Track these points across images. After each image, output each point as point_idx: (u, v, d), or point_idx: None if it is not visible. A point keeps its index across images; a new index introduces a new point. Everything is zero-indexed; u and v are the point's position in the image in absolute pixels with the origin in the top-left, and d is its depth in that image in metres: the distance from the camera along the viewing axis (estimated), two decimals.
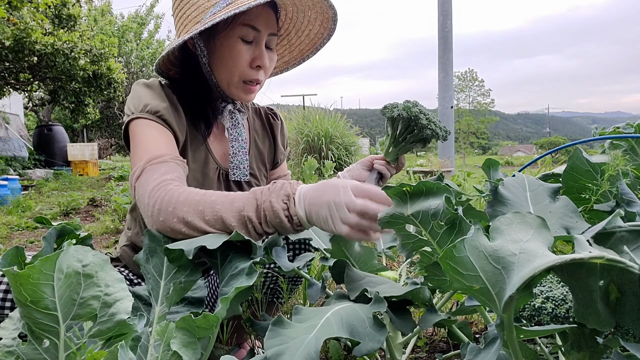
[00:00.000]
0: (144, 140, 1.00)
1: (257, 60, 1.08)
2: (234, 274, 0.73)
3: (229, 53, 1.07)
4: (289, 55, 1.29)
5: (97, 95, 9.22)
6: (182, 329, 0.62)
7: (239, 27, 1.05)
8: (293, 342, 0.53)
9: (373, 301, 0.64)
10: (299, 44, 1.26)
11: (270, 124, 1.32)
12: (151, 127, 1.02)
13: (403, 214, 0.80)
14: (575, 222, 0.82)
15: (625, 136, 1.30)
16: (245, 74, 1.08)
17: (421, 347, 1.34)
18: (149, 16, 17.47)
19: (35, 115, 15.36)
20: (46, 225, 0.83)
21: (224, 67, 1.09)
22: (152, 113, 1.03)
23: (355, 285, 0.70)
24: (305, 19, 1.19)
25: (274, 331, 0.56)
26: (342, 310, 0.62)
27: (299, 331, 0.56)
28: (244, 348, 1.23)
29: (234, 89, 1.11)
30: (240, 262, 0.73)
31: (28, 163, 9.49)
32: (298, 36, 1.24)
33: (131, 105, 1.05)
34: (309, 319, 0.59)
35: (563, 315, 0.75)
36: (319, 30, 1.21)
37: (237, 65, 1.07)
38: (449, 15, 8.01)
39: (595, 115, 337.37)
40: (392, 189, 0.83)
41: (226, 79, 1.10)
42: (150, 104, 1.03)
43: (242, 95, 1.12)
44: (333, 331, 0.56)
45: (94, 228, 3.69)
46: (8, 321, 0.65)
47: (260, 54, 1.08)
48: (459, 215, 0.76)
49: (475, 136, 55.73)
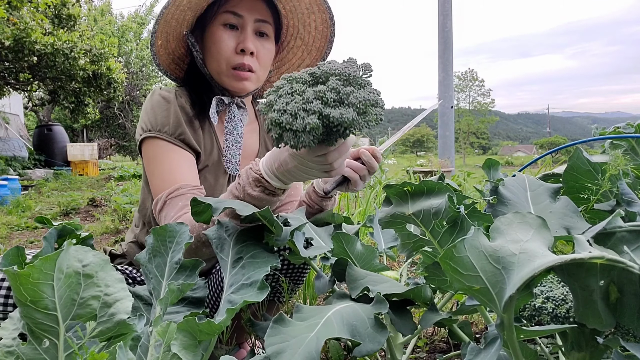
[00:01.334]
0: (164, 167, 1.04)
1: (240, 45, 1.09)
2: (245, 283, 0.72)
3: (213, 41, 1.09)
4: (309, 57, 1.29)
5: (97, 95, 9.22)
6: (184, 331, 0.62)
7: (220, 15, 1.08)
8: (294, 340, 0.53)
9: (374, 301, 0.64)
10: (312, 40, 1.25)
11: None
12: (169, 151, 1.05)
13: (404, 213, 0.80)
14: (575, 222, 0.81)
15: (625, 136, 1.30)
16: (230, 59, 1.09)
17: (421, 347, 1.34)
18: (149, 16, 17.46)
19: (35, 115, 15.35)
20: (47, 225, 0.83)
21: (211, 56, 1.11)
22: (171, 134, 1.05)
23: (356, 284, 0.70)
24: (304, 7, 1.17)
25: (275, 329, 0.55)
26: (343, 310, 0.61)
27: (300, 330, 0.56)
28: (244, 348, 1.23)
29: (225, 77, 1.12)
30: (254, 273, 0.73)
31: (28, 163, 9.48)
32: (308, 30, 1.23)
33: (147, 120, 1.07)
34: (310, 318, 0.59)
35: (563, 315, 0.75)
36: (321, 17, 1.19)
37: (221, 51, 1.09)
38: (449, 15, 8.01)
39: (595, 115, 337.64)
40: (393, 188, 0.83)
41: (216, 69, 1.12)
42: (169, 124, 1.05)
43: (234, 83, 1.12)
44: (334, 331, 0.56)
45: (94, 228, 3.69)
46: (8, 321, 0.65)
47: (244, 38, 1.09)
48: (461, 215, 0.76)
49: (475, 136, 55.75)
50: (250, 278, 0.72)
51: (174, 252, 0.78)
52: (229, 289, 0.73)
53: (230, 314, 0.64)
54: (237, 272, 0.74)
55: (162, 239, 0.80)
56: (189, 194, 1.00)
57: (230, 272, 0.75)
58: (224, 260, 0.77)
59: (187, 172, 1.05)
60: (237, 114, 1.18)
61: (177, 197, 0.99)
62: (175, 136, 1.05)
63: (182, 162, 1.05)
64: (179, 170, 1.03)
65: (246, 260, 0.76)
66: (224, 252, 0.77)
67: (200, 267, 0.79)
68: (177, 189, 1.00)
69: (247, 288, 0.71)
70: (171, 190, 1.00)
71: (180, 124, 1.06)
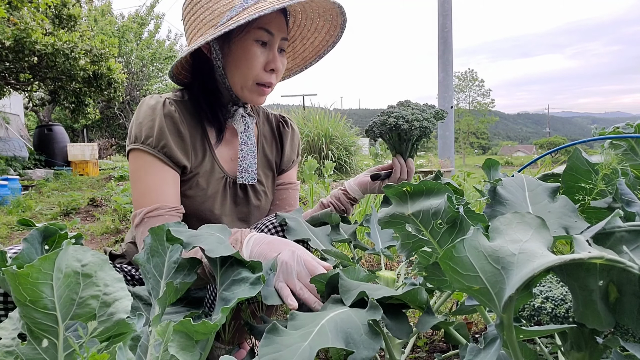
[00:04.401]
0: (146, 183, 1.05)
1: (271, 64, 1.09)
2: (236, 279, 0.71)
3: (244, 56, 1.07)
4: (292, 62, 1.30)
5: (97, 96, 9.22)
6: (180, 332, 0.62)
7: (254, 31, 1.06)
8: (287, 350, 0.53)
9: (368, 307, 0.64)
10: (302, 51, 1.27)
11: (280, 132, 1.33)
12: (154, 167, 1.05)
13: (403, 213, 0.79)
14: (574, 221, 0.81)
15: (625, 136, 1.30)
16: (259, 77, 1.09)
17: (421, 347, 1.34)
18: (149, 16, 17.47)
19: (36, 115, 15.36)
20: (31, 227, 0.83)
21: (238, 70, 1.09)
22: (154, 147, 1.05)
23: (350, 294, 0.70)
24: (312, 27, 1.20)
25: (269, 339, 0.55)
26: (337, 317, 0.61)
27: (293, 339, 0.56)
28: (244, 348, 1.23)
29: (248, 92, 1.12)
30: (244, 269, 0.72)
31: (28, 163, 9.49)
32: (303, 44, 1.25)
33: (134, 131, 1.07)
34: (304, 326, 0.59)
35: (563, 315, 0.74)
36: (324, 38, 1.22)
37: (252, 68, 1.08)
38: (448, 16, 8.02)
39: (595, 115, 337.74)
40: (392, 188, 0.82)
41: (240, 82, 1.11)
42: (152, 136, 1.05)
43: (255, 98, 1.13)
44: (328, 340, 0.56)
45: (95, 228, 3.69)
46: (8, 321, 0.65)
47: (274, 57, 1.09)
48: (460, 215, 0.76)
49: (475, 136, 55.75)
50: (240, 274, 0.72)
51: (172, 252, 0.78)
52: (221, 287, 0.73)
53: (225, 312, 0.64)
54: (226, 269, 0.74)
55: (160, 238, 0.80)
56: (167, 215, 1.01)
57: (220, 270, 0.75)
58: (212, 260, 0.77)
59: (168, 191, 1.05)
60: (249, 123, 1.18)
61: (154, 218, 1.01)
62: (158, 149, 1.04)
63: (164, 180, 1.05)
64: (160, 189, 1.04)
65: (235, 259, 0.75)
66: None
67: (199, 266, 0.79)
68: (157, 208, 1.02)
69: (238, 284, 0.71)
70: (150, 209, 1.02)
71: (163, 135, 1.05)
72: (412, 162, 1.25)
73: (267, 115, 1.33)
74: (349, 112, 11.64)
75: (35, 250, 0.74)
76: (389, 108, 1.23)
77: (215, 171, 1.16)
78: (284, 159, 1.31)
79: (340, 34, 1.18)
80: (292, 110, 10.69)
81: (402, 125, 1.16)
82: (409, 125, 1.16)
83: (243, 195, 1.21)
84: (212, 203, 1.14)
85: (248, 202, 1.21)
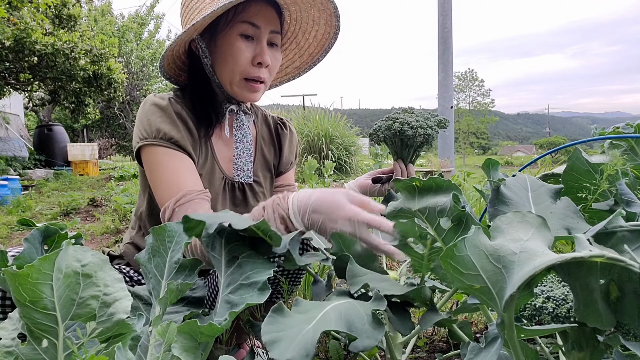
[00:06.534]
0: (167, 174, 1.02)
1: (258, 57, 1.07)
2: (244, 283, 0.70)
3: (229, 51, 1.07)
4: (299, 60, 1.29)
5: (98, 96, 9.22)
6: (184, 333, 0.61)
7: (238, 25, 1.05)
8: (291, 330, 0.53)
9: (373, 298, 0.64)
10: (307, 46, 1.26)
11: (278, 133, 1.32)
12: (170, 157, 1.03)
13: (410, 208, 0.79)
14: (576, 223, 0.81)
15: (625, 136, 1.29)
16: (246, 71, 1.08)
17: (421, 347, 1.34)
18: (149, 16, 17.48)
19: (36, 115, 15.36)
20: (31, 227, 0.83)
21: (225, 66, 1.08)
22: (167, 140, 1.03)
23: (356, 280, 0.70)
24: (310, 19, 1.19)
25: (273, 318, 0.55)
26: (342, 306, 0.61)
27: (297, 321, 0.56)
28: (244, 348, 1.23)
29: (237, 88, 1.11)
30: (253, 273, 0.71)
31: (28, 163, 9.48)
32: (306, 38, 1.24)
33: (142, 128, 1.05)
34: (309, 311, 0.59)
35: (564, 315, 0.74)
36: (325, 29, 1.21)
37: (237, 62, 1.07)
38: (448, 16, 8.01)
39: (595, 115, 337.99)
40: (402, 182, 0.83)
41: (228, 78, 1.10)
42: (164, 129, 1.03)
43: (246, 94, 1.11)
44: (331, 324, 0.56)
45: (95, 228, 3.69)
46: (7, 321, 0.65)
47: (261, 50, 1.07)
48: (466, 213, 0.76)
49: (475, 136, 55.75)
50: (249, 278, 0.71)
51: (173, 252, 0.78)
52: (226, 289, 0.72)
53: (232, 316, 0.64)
54: (233, 272, 0.73)
55: (162, 238, 0.80)
56: (196, 200, 0.99)
57: (226, 272, 0.74)
58: (217, 259, 0.76)
59: (190, 177, 1.03)
60: (245, 121, 1.17)
61: (184, 205, 0.99)
62: (172, 141, 1.04)
63: (183, 167, 1.04)
64: (182, 176, 1.02)
65: (242, 259, 0.74)
66: (216, 251, 0.76)
67: (199, 266, 0.79)
68: (184, 195, 0.99)
69: (246, 288, 0.70)
70: (178, 198, 0.99)
71: (176, 129, 1.05)
72: (413, 168, 1.27)
73: (266, 116, 1.33)
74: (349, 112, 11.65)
75: (36, 250, 0.74)
76: (394, 114, 1.25)
77: (216, 172, 1.15)
78: (282, 161, 1.31)
79: (337, 23, 1.17)
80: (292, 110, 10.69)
81: (407, 131, 1.19)
82: (414, 131, 1.19)
83: (242, 197, 1.20)
84: (214, 204, 1.14)
85: (246, 203, 1.21)
